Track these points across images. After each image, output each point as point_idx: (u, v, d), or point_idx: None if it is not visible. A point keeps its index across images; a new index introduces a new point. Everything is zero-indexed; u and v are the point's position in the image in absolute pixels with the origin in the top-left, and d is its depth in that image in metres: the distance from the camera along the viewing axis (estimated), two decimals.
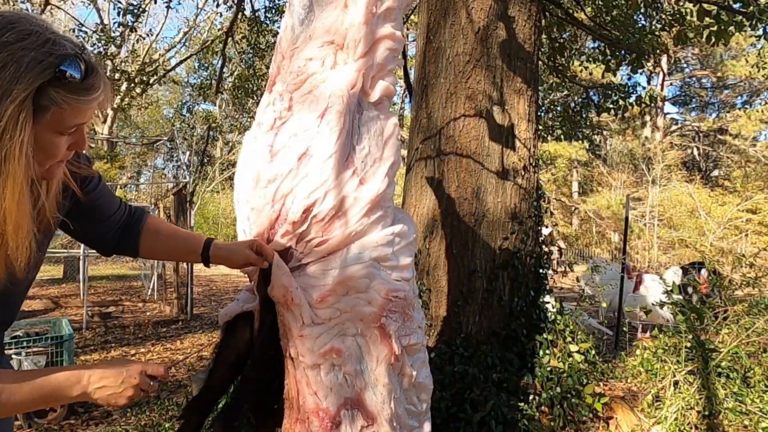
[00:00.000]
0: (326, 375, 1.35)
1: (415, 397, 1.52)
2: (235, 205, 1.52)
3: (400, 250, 1.46)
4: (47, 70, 0.82)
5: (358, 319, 1.38)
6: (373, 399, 1.38)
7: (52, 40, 0.83)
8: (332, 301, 1.36)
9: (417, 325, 1.51)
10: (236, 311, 1.50)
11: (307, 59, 1.47)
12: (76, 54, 0.85)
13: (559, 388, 3.18)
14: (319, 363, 1.35)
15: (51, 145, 0.89)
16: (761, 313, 3.81)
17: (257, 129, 1.49)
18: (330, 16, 1.47)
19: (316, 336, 1.35)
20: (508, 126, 3.57)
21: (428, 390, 1.57)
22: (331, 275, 1.37)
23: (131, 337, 6.31)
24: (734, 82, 25.69)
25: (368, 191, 1.40)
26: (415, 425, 1.51)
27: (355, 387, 1.37)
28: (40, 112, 0.84)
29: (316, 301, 1.35)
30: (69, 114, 0.87)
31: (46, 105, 0.84)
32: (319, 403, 1.34)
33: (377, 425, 1.37)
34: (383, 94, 1.52)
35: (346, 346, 1.37)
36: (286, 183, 1.37)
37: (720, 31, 5.60)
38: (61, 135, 0.90)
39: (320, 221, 1.36)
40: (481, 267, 3.44)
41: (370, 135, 1.45)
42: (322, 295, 1.36)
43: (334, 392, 1.35)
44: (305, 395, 1.36)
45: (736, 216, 17.33)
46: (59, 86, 0.84)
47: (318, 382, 1.35)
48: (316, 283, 1.37)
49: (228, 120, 26.14)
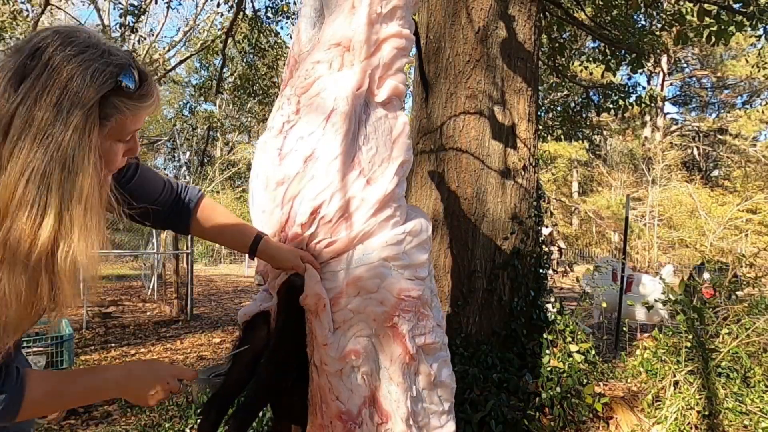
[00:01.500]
0: (347, 378, 1.36)
1: (436, 396, 1.51)
2: (250, 210, 1.55)
3: (412, 249, 1.46)
4: (109, 81, 0.85)
5: (371, 320, 1.38)
6: (388, 397, 1.38)
7: (108, 51, 0.86)
8: (344, 303, 1.37)
9: (435, 324, 1.50)
10: (254, 311, 1.52)
11: (314, 62, 1.48)
12: (130, 64, 0.88)
13: (559, 388, 3.18)
14: (341, 368, 1.36)
15: (111, 154, 0.92)
16: (761, 313, 3.81)
17: (268, 133, 1.51)
18: (338, 19, 1.48)
19: (337, 342, 1.37)
20: (508, 126, 3.57)
21: (450, 389, 1.56)
22: (341, 277, 1.38)
23: (131, 337, 6.31)
24: (734, 82, 25.69)
25: (376, 191, 1.41)
26: (437, 424, 1.50)
27: (371, 385, 1.37)
28: (104, 121, 0.87)
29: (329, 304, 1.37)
30: (130, 121, 0.91)
31: (110, 113, 0.87)
32: (341, 407, 1.35)
33: (392, 422, 1.37)
34: (392, 94, 1.52)
35: (362, 347, 1.37)
36: (294, 185, 1.39)
37: (720, 31, 5.61)
38: (120, 142, 0.93)
39: (327, 223, 1.38)
40: (481, 267, 3.44)
41: (378, 135, 1.46)
42: (334, 298, 1.37)
43: (354, 393, 1.36)
44: (327, 401, 1.37)
45: (736, 216, 17.33)
46: (121, 95, 0.87)
47: (339, 386, 1.36)
48: (328, 285, 1.38)
49: (228, 120, 26.16)
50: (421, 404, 1.46)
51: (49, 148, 0.79)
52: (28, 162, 0.79)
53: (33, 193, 0.79)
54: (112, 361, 5.18)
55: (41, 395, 0.91)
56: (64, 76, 0.80)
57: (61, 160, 0.80)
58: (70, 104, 0.81)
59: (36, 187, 0.79)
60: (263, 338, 1.47)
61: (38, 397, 0.90)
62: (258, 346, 1.45)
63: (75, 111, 0.81)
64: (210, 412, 1.40)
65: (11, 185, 0.78)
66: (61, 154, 0.80)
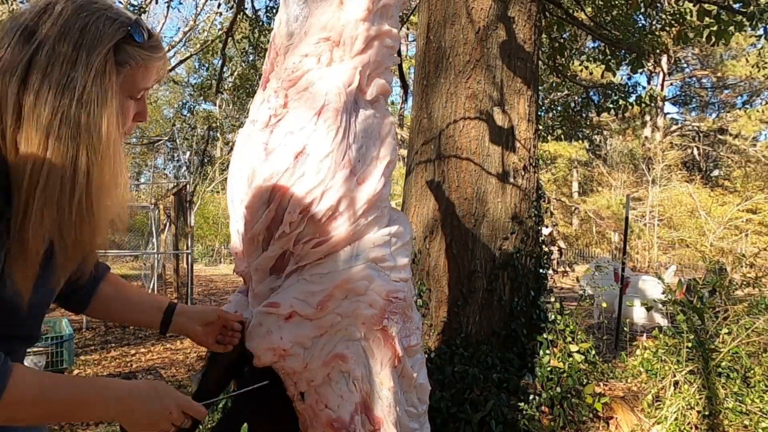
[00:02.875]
0: (336, 384, 1.32)
1: (416, 398, 1.50)
2: (229, 205, 1.46)
3: (397, 251, 1.44)
4: (121, 28, 0.86)
5: (360, 323, 1.35)
6: (380, 403, 1.35)
7: (116, 9, 0.89)
8: (332, 306, 1.33)
9: (416, 326, 1.49)
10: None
11: (302, 56, 1.43)
12: (137, 20, 0.90)
13: (559, 388, 3.18)
14: (328, 372, 1.31)
15: (123, 109, 0.91)
16: (761, 313, 3.81)
17: (251, 126, 1.45)
18: (325, 13, 1.44)
19: (320, 348, 1.32)
20: (508, 126, 3.57)
21: (427, 391, 1.56)
22: (329, 278, 1.33)
23: (131, 337, 6.31)
24: (734, 82, 25.70)
25: (366, 191, 1.38)
26: (416, 427, 1.49)
27: (362, 391, 1.34)
28: (119, 68, 0.87)
29: (317, 308, 1.32)
30: (141, 74, 0.90)
31: (124, 60, 0.87)
32: (331, 415, 1.32)
33: (383, 429, 1.35)
34: (379, 92, 1.49)
35: (351, 352, 1.34)
36: (283, 182, 1.33)
37: (720, 31, 5.61)
38: (131, 99, 0.92)
39: (317, 221, 1.33)
40: (481, 267, 3.44)
41: (367, 134, 1.43)
42: (322, 301, 1.32)
43: (345, 400, 1.32)
44: (317, 413, 1.32)
45: (736, 216, 17.33)
46: (133, 43, 0.88)
47: (328, 393, 1.32)
48: (315, 288, 1.33)
49: (228, 120, 26.14)
50: (404, 407, 1.45)
51: (74, 93, 0.80)
52: (54, 108, 0.79)
53: (63, 138, 0.79)
54: (111, 362, 5.18)
55: (27, 389, 0.79)
56: (79, 24, 0.82)
57: (87, 103, 0.81)
58: (89, 48, 0.82)
59: (64, 132, 0.79)
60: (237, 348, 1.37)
61: (22, 391, 0.79)
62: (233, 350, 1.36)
63: (93, 54, 0.82)
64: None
65: (41, 132, 0.78)
66: (86, 98, 0.81)
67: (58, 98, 0.79)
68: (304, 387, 1.34)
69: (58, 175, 0.79)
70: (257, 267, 1.40)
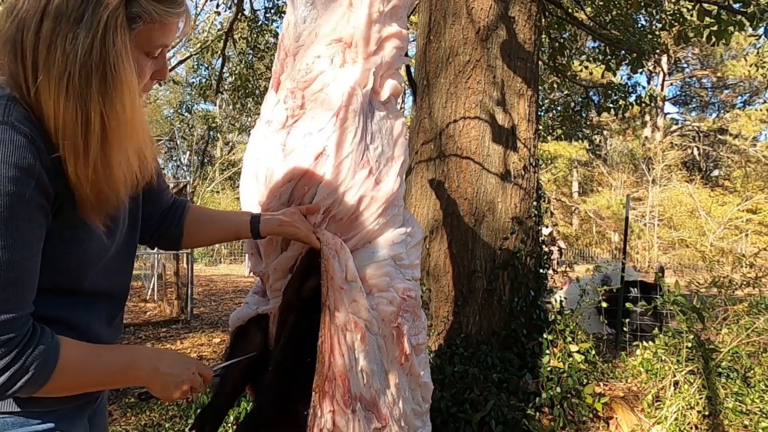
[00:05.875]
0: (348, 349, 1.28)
1: (420, 397, 1.52)
2: (243, 206, 1.45)
3: (411, 250, 1.47)
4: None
5: (381, 319, 1.36)
6: (386, 400, 1.36)
7: None
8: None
9: (423, 325, 1.51)
10: (250, 315, 1.45)
11: (315, 57, 1.44)
12: None
13: (559, 388, 3.18)
14: (347, 327, 1.28)
15: (139, 67, 0.88)
16: (761, 313, 3.81)
17: (266, 127, 1.45)
18: (335, 14, 1.45)
19: (351, 299, 1.31)
20: (508, 126, 3.57)
21: (431, 390, 1.57)
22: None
23: (131, 337, 6.31)
24: (734, 82, 25.71)
25: (384, 190, 1.40)
26: (419, 425, 1.50)
27: (371, 388, 1.33)
28: (132, 24, 0.84)
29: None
30: (157, 30, 0.87)
31: (137, 14, 0.83)
32: (345, 370, 1.26)
33: (389, 426, 1.35)
34: (391, 93, 1.52)
35: (368, 341, 1.32)
36: (303, 183, 1.35)
37: (720, 31, 5.61)
38: (148, 57, 0.89)
39: (339, 221, 1.36)
40: (481, 267, 3.44)
41: (382, 134, 1.45)
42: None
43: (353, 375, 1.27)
44: (335, 355, 1.26)
45: (736, 216, 17.34)
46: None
47: (344, 344, 1.29)
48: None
49: (228, 120, 26.16)
50: (411, 406, 1.46)
51: (82, 45, 0.79)
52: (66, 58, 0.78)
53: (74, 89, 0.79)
54: None
55: (76, 359, 0.84)
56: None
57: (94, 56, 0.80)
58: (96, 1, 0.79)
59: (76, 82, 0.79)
60: (258, 344, 1.39)
61: (72, 362, 0.83)
62: (252, 352, 1.37)
63: (101, 7, 0.79)
64: (204, 426, 1.29)
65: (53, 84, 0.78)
66: (94, 52, 0.80)
67: (69, 49, 0.78)
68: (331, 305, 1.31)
69: (72, 124, 0.80)
70: (276, 267, 1.41)
